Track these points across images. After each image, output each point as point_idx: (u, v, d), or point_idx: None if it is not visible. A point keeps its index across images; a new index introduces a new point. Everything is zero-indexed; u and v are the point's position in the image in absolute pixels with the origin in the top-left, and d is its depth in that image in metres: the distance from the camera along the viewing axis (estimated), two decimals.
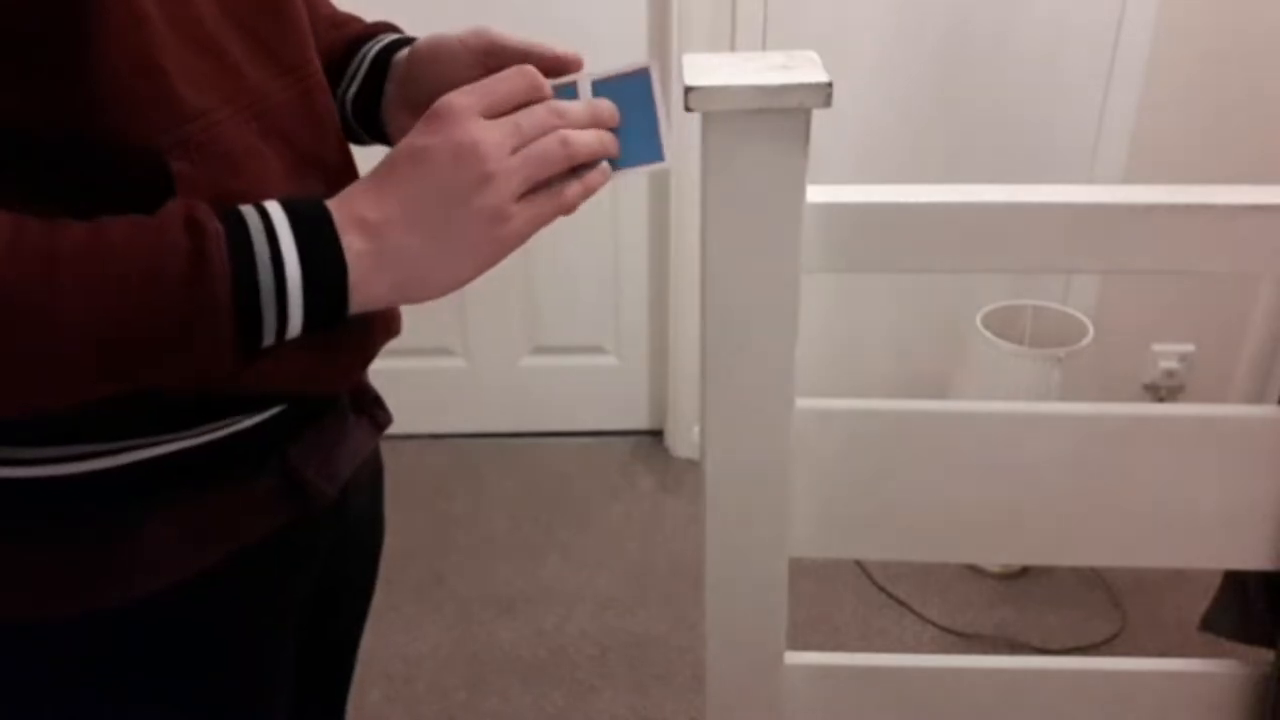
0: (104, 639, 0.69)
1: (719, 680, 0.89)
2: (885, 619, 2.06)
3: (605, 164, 0.68)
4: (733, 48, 2.13)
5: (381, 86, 0.82)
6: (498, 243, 0.62)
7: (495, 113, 0.63)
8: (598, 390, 2.60)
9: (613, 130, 0.68)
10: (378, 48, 0.83)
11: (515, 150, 0.62)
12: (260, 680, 0.79)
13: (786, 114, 0.67)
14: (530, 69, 0.65)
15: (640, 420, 2.63)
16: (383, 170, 0.62)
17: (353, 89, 0.83)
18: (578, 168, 0.66)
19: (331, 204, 0.60)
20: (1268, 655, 0.89)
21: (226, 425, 0.68)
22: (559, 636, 2.02)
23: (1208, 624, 1.01)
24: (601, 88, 0.69)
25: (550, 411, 2.62)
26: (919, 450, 0.82)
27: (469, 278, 0.63)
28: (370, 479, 0.91)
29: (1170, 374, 2.42)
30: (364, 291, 0.60)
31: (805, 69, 0.67)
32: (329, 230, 0.59)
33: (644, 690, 1.90)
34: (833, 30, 2.11)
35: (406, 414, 1.06)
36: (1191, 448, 0.81)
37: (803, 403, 0.79)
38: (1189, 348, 2.40)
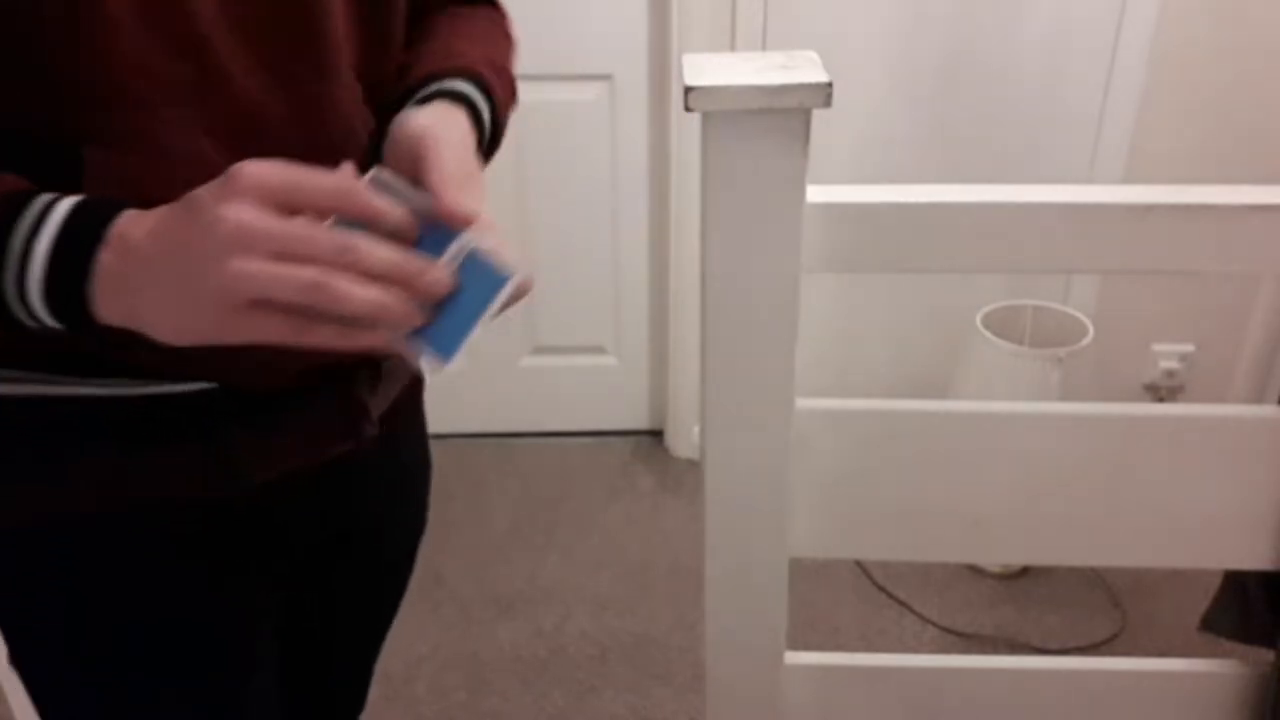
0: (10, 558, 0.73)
1: (719, 680, 0.89)
2: (885, 619, 2.06)
3: (384, 332, 0.58)
4: (733, 48, 2.13)
5: None
6: (216, 327, 0.56)
7: (289, 200, 0.56)
8: (598, 390, 2.61)
9: (441, 301, 0.59)
10: (431, 89, 0.76)
11: (272, 254, 0.54)
12: (194, 645, 0.79)
13: (786, 114, 0.67)
14: (353, 187, 0.58)
15: (640, 420, 2.63)
16: (176, 201, 0.58)
17: None
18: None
19: (126, 214, 0.58)
20: (1268, 655, 0.89)
21: (145, 386, 0.69)
22: (559, 636, 2.02)
23: (1208, 624, 1.01)
24: (472, 263, 0.60)
25: (550, 411, 2.62)
26: (919, 450, 0.82)
27: (191, 341, 0.57)
28: (387, 492, 0.91)
29: (1170, 374, 2.42)
30: (104, 308, 0.58)
31: (805, 69, 0.67)
32: (91, 241, 0.57)
33: (644, 690, 1.90)
34: (833, 30, 2.11)
35: None
36: (1191, 448, 0.81)
37: (803, 403, 0.79)
38: (1189, 348, 2.40)
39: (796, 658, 0.90)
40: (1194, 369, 2.42)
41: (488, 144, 0.77)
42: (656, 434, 2.62)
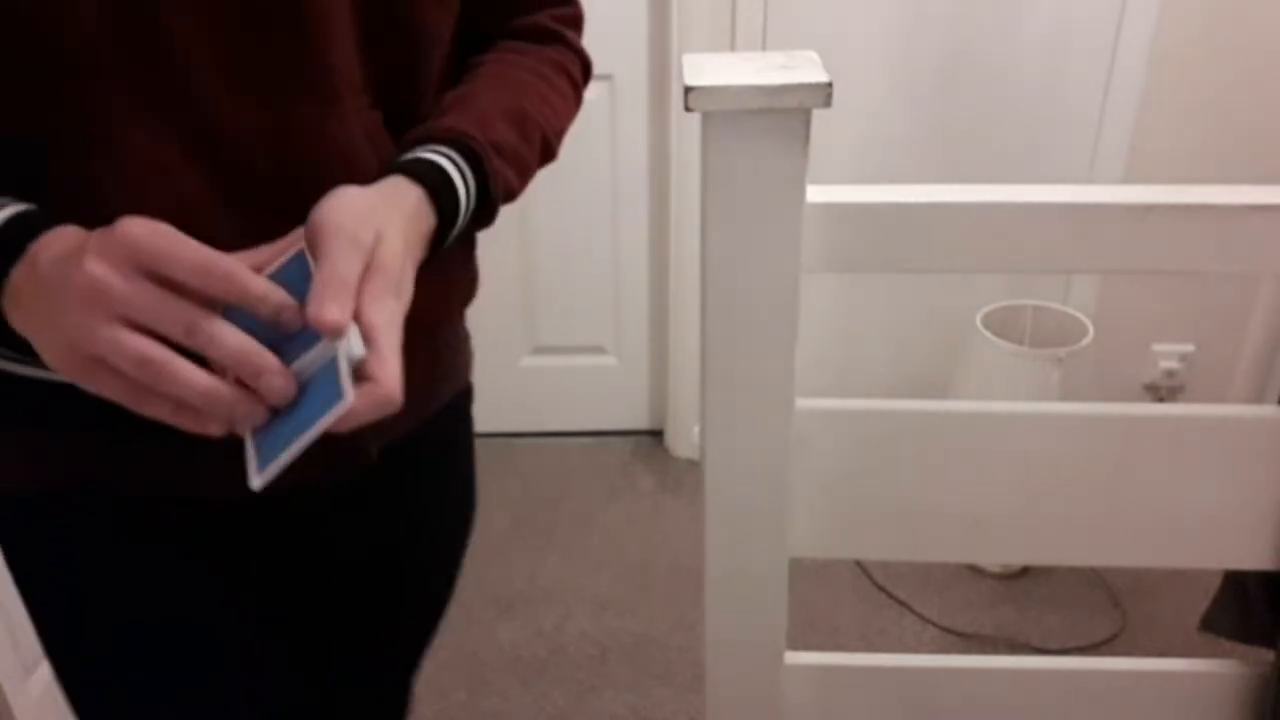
0: None
1: (719, 680, 0.89)
2: (885, 619, 2.06)
3: (222, 422, 0.55)
4: (733, 48, 2.13)
5: None
6: (68, 369, 0.56)
7: (154, 267, 0.53)
8: (598, 390, 2.60)
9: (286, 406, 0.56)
10: (406, 157, 0.71)
11: (117, 318, 0.53)
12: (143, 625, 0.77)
13: (786, 114, 0.67)
14: (219, 265, 0.54)
15: (640, 420, 2.63)
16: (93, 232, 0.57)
17: None
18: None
19: (51, 233, 0.57)
20: (1268, 655, 0.89)
21: None
22: (559, 636, 2.02)
23: (1208, 624, 1.01)
24: (325, 374, 0.55)
25: (550, 411, 2.62)
26: (919, 450, 0.82)
27: (59, 371, 0.56)
28: (410, 516, 0.90)
29: (1170, 374, 2.42)
30: (13, 321, 0.58)
31: (805, 69, 0.67)
32: (12, 255, 0.57)
33: (644, 690, 1.90)
34: (833, 30, 2.11)
35: None
36: (1191, 448, 0.81)
37: (803, 403, 0.79)
38: (1189, 348, 2.40)
39: (796, 658, 0.90)
40: (1194, 369, 2.42)
41: (472, 214, 0.72)
42: (656, 434, 2.62)
